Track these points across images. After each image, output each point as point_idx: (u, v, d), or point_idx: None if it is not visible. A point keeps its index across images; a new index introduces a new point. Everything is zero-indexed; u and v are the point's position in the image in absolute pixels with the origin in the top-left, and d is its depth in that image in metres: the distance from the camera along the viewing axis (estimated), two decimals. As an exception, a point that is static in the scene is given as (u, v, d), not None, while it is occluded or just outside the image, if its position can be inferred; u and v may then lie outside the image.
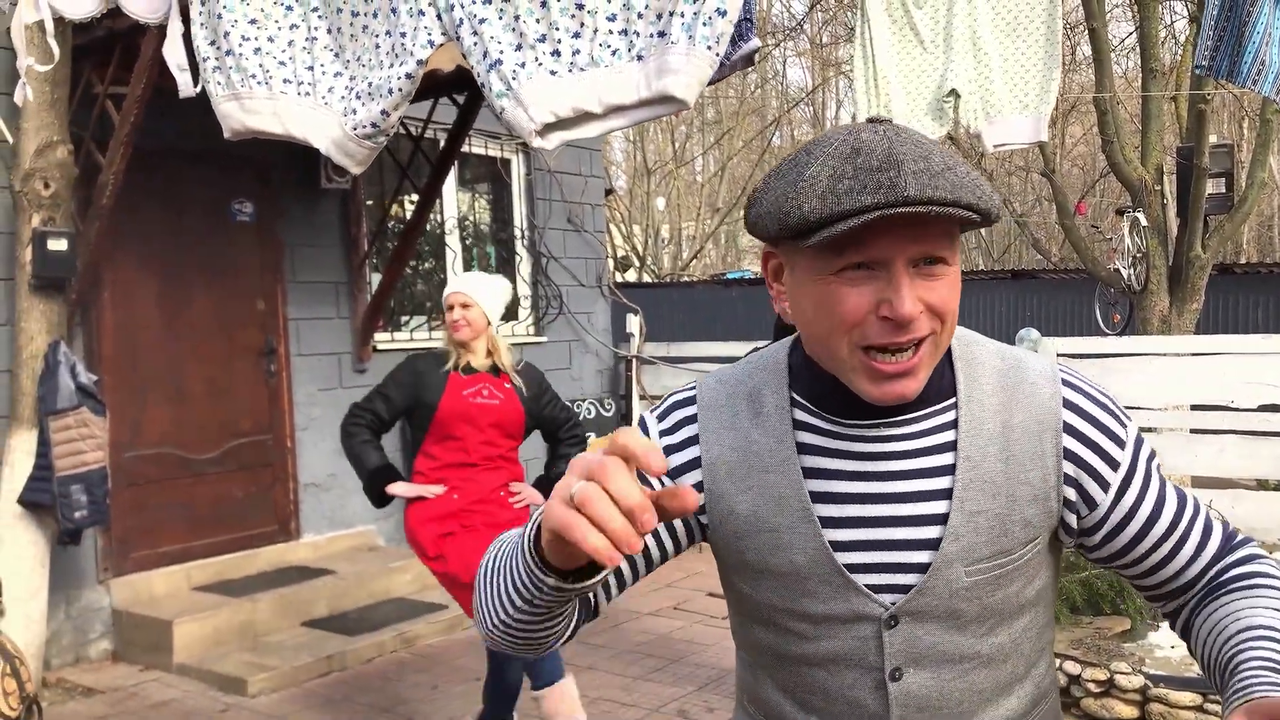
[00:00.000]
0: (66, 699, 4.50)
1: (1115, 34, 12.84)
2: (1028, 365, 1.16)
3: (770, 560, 1.15)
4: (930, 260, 1.03)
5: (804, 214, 1.00)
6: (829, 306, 1.04)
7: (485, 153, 7.12)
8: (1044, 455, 1.13)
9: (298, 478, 5.90)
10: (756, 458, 1.16)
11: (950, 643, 1.13)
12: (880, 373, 1.04)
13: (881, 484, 1.13)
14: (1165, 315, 8.17)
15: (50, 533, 4.45)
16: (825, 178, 1.00)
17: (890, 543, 1.12)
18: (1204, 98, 7.70)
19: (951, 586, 1.11)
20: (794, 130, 21.30)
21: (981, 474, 1.11)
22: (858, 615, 1.13)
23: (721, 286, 14.13)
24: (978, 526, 1.11)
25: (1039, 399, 1.14)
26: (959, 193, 0.98)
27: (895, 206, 0.96)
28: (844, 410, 1.13)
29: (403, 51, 3.55)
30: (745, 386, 1.20)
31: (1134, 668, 3.06)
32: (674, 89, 3.17)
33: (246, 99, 3.82)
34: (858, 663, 1.14)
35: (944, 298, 1.04)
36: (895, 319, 1.01)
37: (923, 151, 1.00)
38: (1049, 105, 3.66)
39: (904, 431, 1.13)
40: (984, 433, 1.12)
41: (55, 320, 4.55)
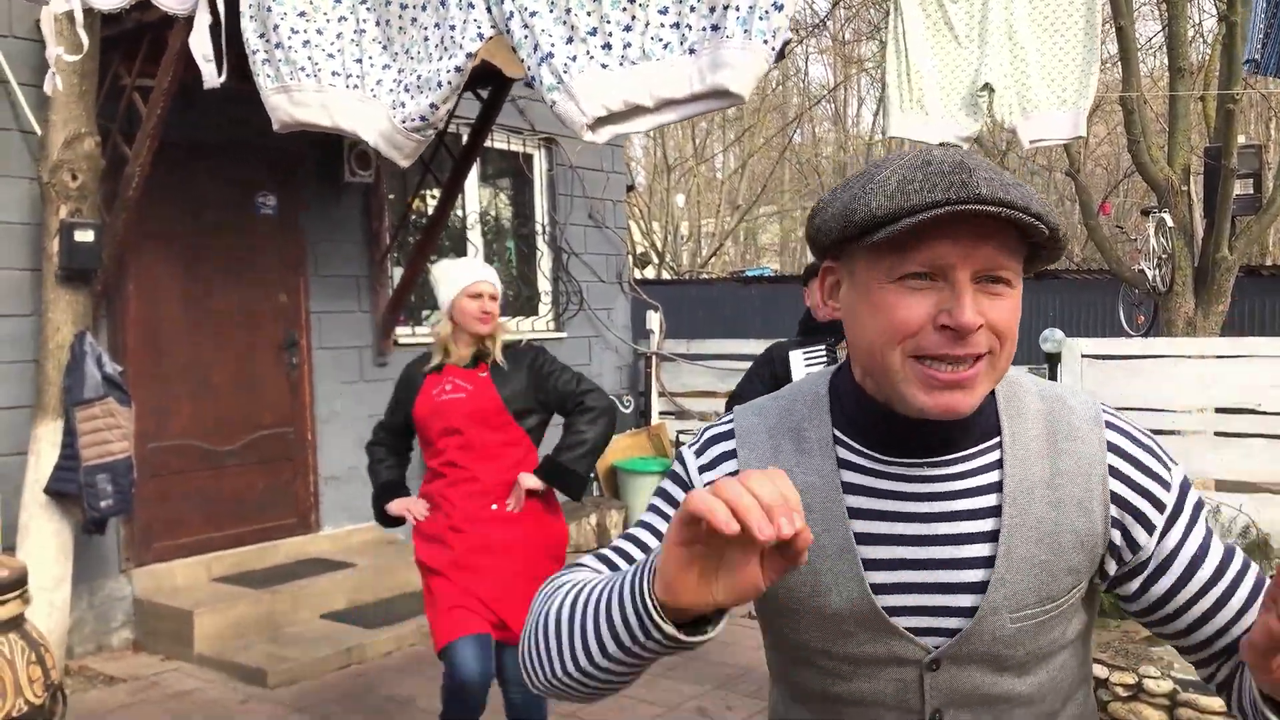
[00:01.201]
0: (89, 687, 4.53)
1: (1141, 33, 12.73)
2: (1070, 407, 1.14)
3: (809, 602, 1.12)
4: (993, 279, 1.01)
5: (871, 210, 0.99)
6: (886, 312, 1.02)
7: (507, 148, 7.13)
8: (1091, 501, 1.10)
9: (318, 470, 5.92)
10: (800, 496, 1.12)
11: (992, 684, 1.11)
12: (935, 380, 1.02)
13: (926, 525, 1.10)
14: (1191, 317, 8.09)
15: (75, 522, 4.47)
16: (895, 181, 1.00)
17: (933, 585, 1.10)
18: (1232, 97, 7.62)
19: (996, 633, 1.09)
20: (815, 128, 21.23)
21: (1028, 520, 1.08)
22: (898, 659, 1.11)
23: (741, 284, 14.10)
24: (1023, 573, 1.08)
25: (1085, 442, 1.12)
26: (1029, 203, 0.97)
27: (966, 203, 0.95)
28: (889, 446, 1.11)
29: (451, 44, 3.54)
30: (786, 422, 1.17)
31: (1163, 672, 3.03)
32: (729, 83, 3.14)
33: (295, 91, 3.83)
34: (897, 704, 1.12)
35: (1005, 318, 1.02)
36: (955, 328, 0.99)
37: (992, 167, 1.01)
38: (1088, 100, 3.62)
39: (949, 471, 1.10)
40: (1030, 477, 1.10)
41: (81, 311, 4.58)
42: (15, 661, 3.50)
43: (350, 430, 6.06)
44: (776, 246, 25.65)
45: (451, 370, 3.26)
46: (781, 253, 25.26)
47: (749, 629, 5.08)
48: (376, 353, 6.21)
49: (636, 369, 7.97)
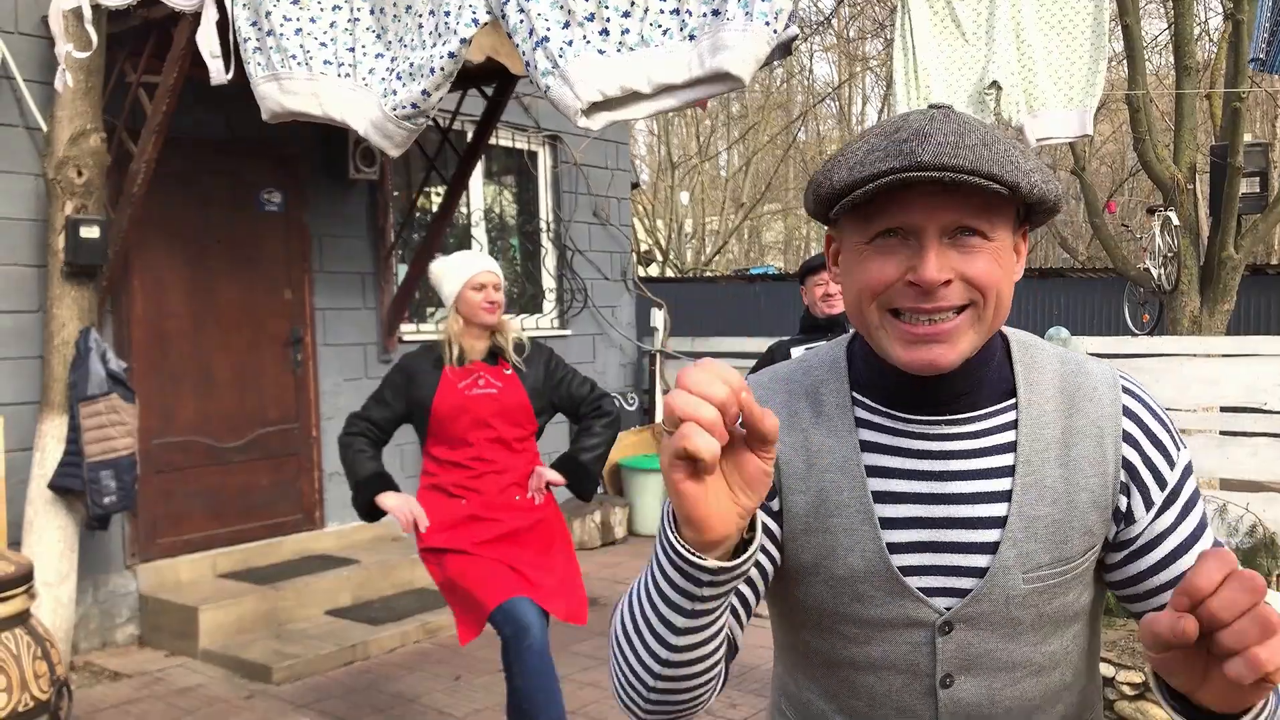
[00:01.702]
0: (94, 682, 4.54)
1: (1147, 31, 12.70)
2: (1088, 370, 1.15)
3: (824, 562, 1.12)
4: (965, 231, 1.02)
5: (833, 183, 1.03)
6: (861, 273, 1.05)
7: (512, 145, 7.13)
8: (1104, 461, 1.10)
9: (323, 467, 5.92)
10: (817, 455, 1.13)
11: (1004, 650, 1.11)
12: (911, 335, 1.03)
13: (941, 484, 1.10)
14: (1196, 316, 8.08)
15: (79, 518, 4.48)
16: (861, 151, 1.03)
17: (947, 545, 1.10)
18: (1239, 95, 7.60)
19: (1009, 594, 1.09)
20: (819, 126, 21.21)
21: (1040, 478, 1.09)
22: (911, 621, 1.11)
23: (745, 282, 14.09)
24: (1036, 533, 1.08)
25: (1100, 404, 1.12)
26: (980, 164, 0.97)
27: (907, 171, 0.97)
28: (904, 404, 1.11)
29: (445, 30, 3.51)
30: (803, 385, 1.18)
31: (1168, 671, 3.03)
32: (729, 65, 3.10)
33: (286, 80, 3.80)
34: (908, 668, 1.12)
35: (982, 270, 1.02)
36: (919, 283, 1.01)
37: (959, 128, 1.01)
38: (1095, 99, 3.61)
39: (965, 430, 1.11)
40: (1043, 437, 1.10)
41: (86, 307, 4.58)
42: (21, 657, 3.50)
43: (355, 427, 6.06)
44: (780, 244, 25.63)
45: (480, 366, 3.27)
46: (785, 251, 25.25)
47: (752, 627, 5.08)
48: (381, 349, 6.21)
49: (641, 367, 7.97)
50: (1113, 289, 10.33)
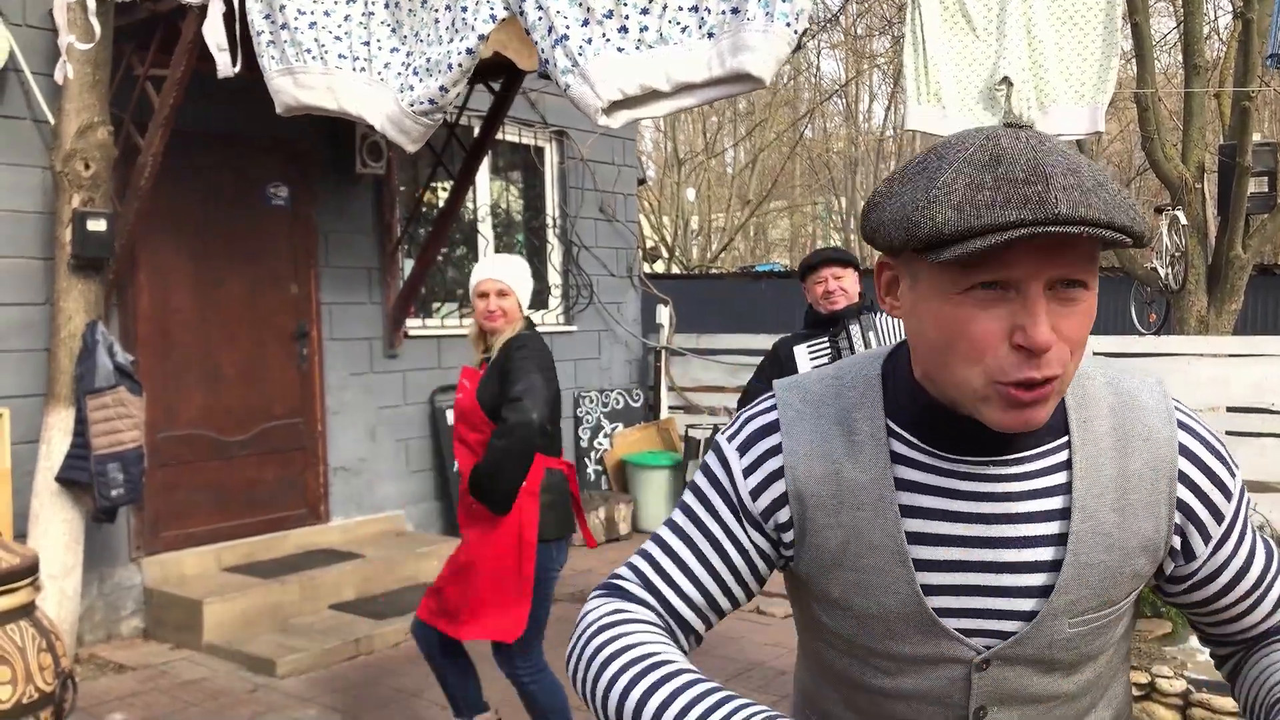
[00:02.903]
0: (99, 675, 4.55)
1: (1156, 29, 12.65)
2: (1142, 404, 1.08)
3: (855, 599, 1.08)
4: (1069, 283, 0.93)
5: (937, 225, 0.90)
6: (957, 329, 0.94)
7: (519, 140, 7.12)
8: (1158, 505, 1.06)
9: (328, 461, 5.92)
10: (849, 493, 1.07)
11: (1039, 684, 1.09)
12: (1017, 400, 0.94)
13: (986, 527, 1.05)
14: (1203, 315, 8.06)
15: (85, 510, 4.49)
16: (962, 186, 0.90)
17: (990, 589, 1.06)
18: (1248, 94, 7.58)
19: (1053, 638, 1.06)
20: (826, 123, 21.18)
21: (1096, 525, 1.04)
22: (946, 658, 1.08)
23: (751, 279, 14.08)
24: (1088, 580, 1.05)
25: (1156, 444, 1.06)
26: (1113, 213, 0.89)
27: (1043, 225, 0.87)
28: (950, 444, 1.05)
29: (464, 26, 3.50)
30: (834, 408, 1.10)
31: (1176, 672, 3.02)
32: (750, 66, 3.08)
33: (301, 74, 3.79)
34: (941, 700, 1.10)
35: (1079, 326, 0.94)
36: (1029, 347, 0.91)
37: (1070, 164, 0.91)
38: (1106, 96, 3.59)
39: (1014, 471, 1.04)
40: (1099, 481, 1.05)
41: (93, 300, 4.58)
42: (26, 649, 3.51)
43: (360, 422, 6.06)
44: (787, 241, 25.61)
45: (467, 370, 3.28)
46: (792, 248, 25.22)
47: (757, 624, 5.08)
48: (387, 344, 6.21)
49: (646, 363, 7.96)
50: (1120, 288, 10.30)
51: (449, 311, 6.75)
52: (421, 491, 6.39)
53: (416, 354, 6.37)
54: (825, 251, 3.75)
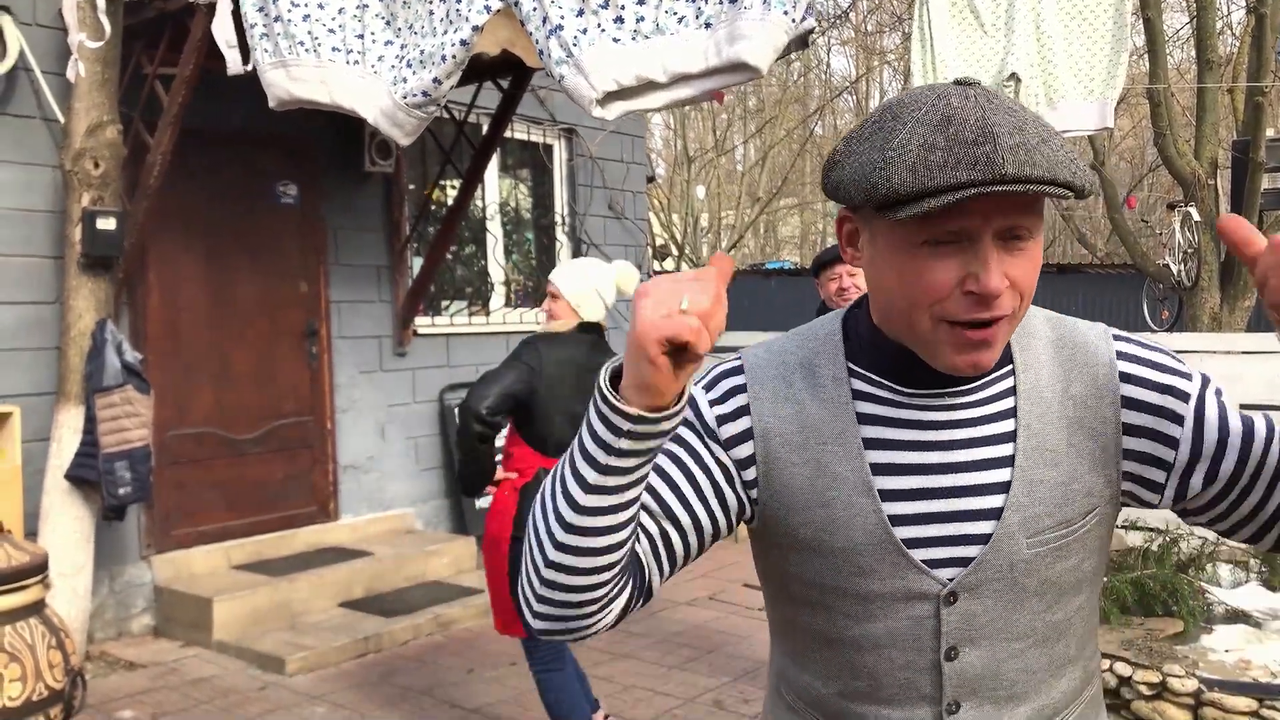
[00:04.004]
0: (109, 672, 4.56)
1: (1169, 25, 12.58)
2: (1079, 330, 1.15)
3: (824, 537, 1.11)
4: (1016, 233, 1.00)
5: (893, 186, 0.96)
6: (912, 278, 1.01)
7: (528, 138, 7.11)
8: (1104, 420, 1.10)
9: (337, 459, 5.93)
10: (814, 429, 1.12)
11: (1008, 619, 1.11)
12: (966, 341, 1.02)
13: (944, 453, 1.10)
14: (1216, 312, 8.01)
15: (95, 508, 4.50)
16: (915, 147, 0.96)
17: (951, 514, 1.09)
18: (1261, 90, 7.52)
19: (1012, 558, 1.09)
20: (836, 120, 21.11)
21: (1041, 442, 1.09)
22: (914, 593, 1.10)
23: (761, 276, 14.06)
24: (1039, 496, 1.09)
25: (1094, 361, 1.12)
26: (1056, 170, 0.95)
27: (991, 185, 0.93)
28: (906, 379, 1.10)
29: (457, 17, 3.48)
30: (796, 357, 1.16)
31: (1187, 671, 2.99)
32: (746, 55, 3.06)
33: (294, 67, 3.77)
34: (911, 643, 1.11)
35: (1026, 272, 1.01)
36: (981, 293, 0.99)
37: (1017, 121, 0.97)
38: (1116, 91, 3.57)
39: (967, 400, 1.10)
40: (1042, 400, 1.10)
41: (103, 299, 4.60)
42: (36, 646, 3.52)
43: (369, 419, 6.07)
44: (797, 239, 25.56)
45: None
46: (802, 245, 25.17)
47: (763, 623, 5.07)
48: (396, 342, 6.21)
49: (655, 361, 7.94)
50: (1132, 285, 10.25)
51: (458, 310, 6.75)
52: (431, 490, 6.40)
53: (426, 352, 6.37)
54: (839, 248, 3.73)
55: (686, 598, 5.49)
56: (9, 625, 3.49)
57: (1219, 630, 3.31)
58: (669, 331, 0.88)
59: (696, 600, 5.46)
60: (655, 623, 5.07)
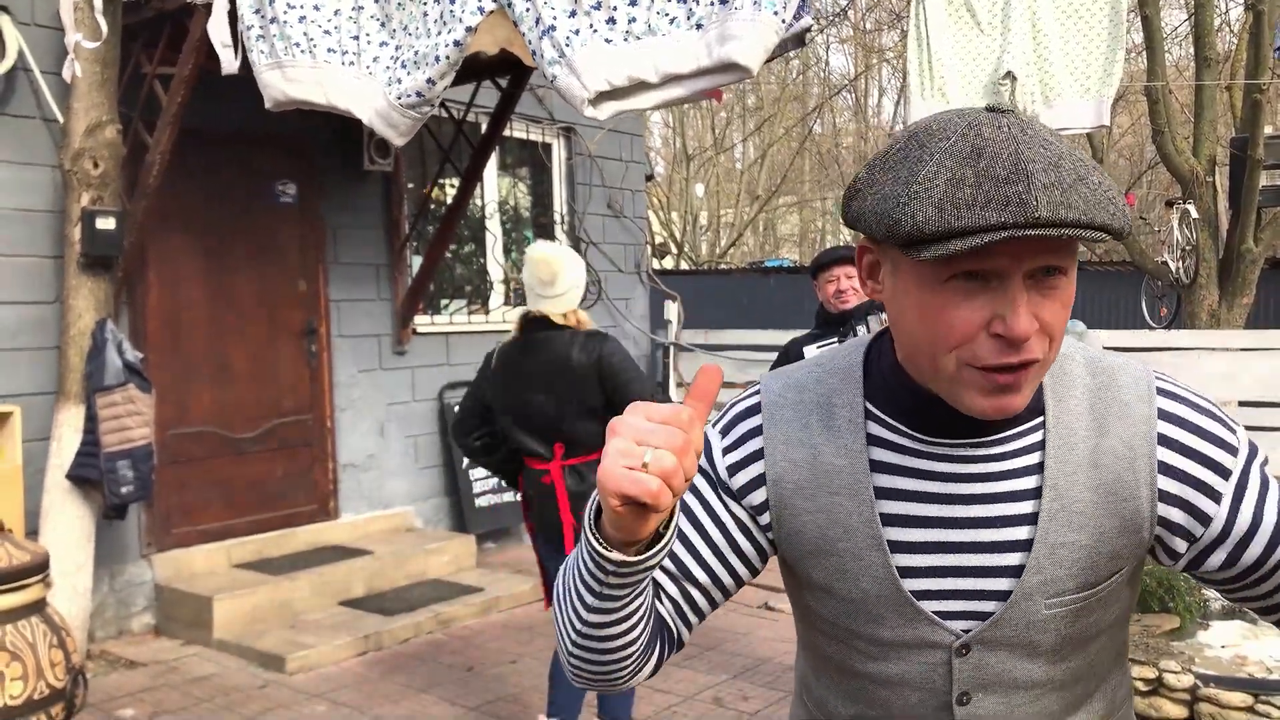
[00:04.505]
0: (110, 670, 4.57)
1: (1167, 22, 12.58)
2: (1119, 383, 1.07)
3: (835, 584, 1.09)
4: (1048, 271, 0.94)
5: (917, 224, 0.90)
6: (936, 318, 0.95)
7: (526, 137, 7.12)
8: (1137, 484, 1.04)
9: (337, 458, 5.94)
10: (826, 477, 1.08)
11: (1023, 669, 1.08)
12: (993, 384, 0.95)
13: (962, 508, 1.05)
14: (1214, 309, 8.02)
15: (96, 507, 4.51)
16: (943, 183, 0.90)
17: (967, 569, 1.06)
18: (1259, 87, 7.53)
19: (1030, 619, 1.05)
20: (835, 118, 21.12)
21: (1068, 504, 1.03)
22: (926, 642, 1.08)
23: (760, 275, 14.07)
24: (1061, 559, 1.04)
25: (1132, 419, 1.05)
26: (1093, 212, 0.89)
27: (1023, 228, 0.87)
28: (929, 427, 1.05)
29: (451, 19, 3.50)
30: (814, 394, 1.12)
31: (1183, 667, 3.00)
32: (737, 55, 3.08)
33: (289, 67, 3.79)
34: (923, 686, 1.10)
35: (1057, 314, 0.95)
36: (1008, 337, 0.93)
37: (1052, 156, 0.90)
38: (1112, 89, 3.57)
39: (991, 452, 1.05)
40: (1072, 459, 1.04)
41: (103, 298, 4.60)
42: (37, 645, 3.53)
43: (369, 418, 6.08)
44: (796, 237, 25.56)
45: None
46: (801, 243, 25.17)
47: (765, 620, 5.08)
48: (395, 341, 6.22)
49: (654, 359, 7.96)
50: (1130, 282, 10.26)
51: (457, 308, 6.76)
52: (430, 488, 6.41)
53: (425, 351, 6.38)
54: (837, 250, 3.74)
55: (686, 595, 5.50)
56: (10, 624, 3.50)
57: (1215, 626, 3.32)
58: (626, 489, 0.85)
59: (696, 598, 5.47)
60: (654, 620, 5.09)
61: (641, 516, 0.88)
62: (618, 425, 0.87)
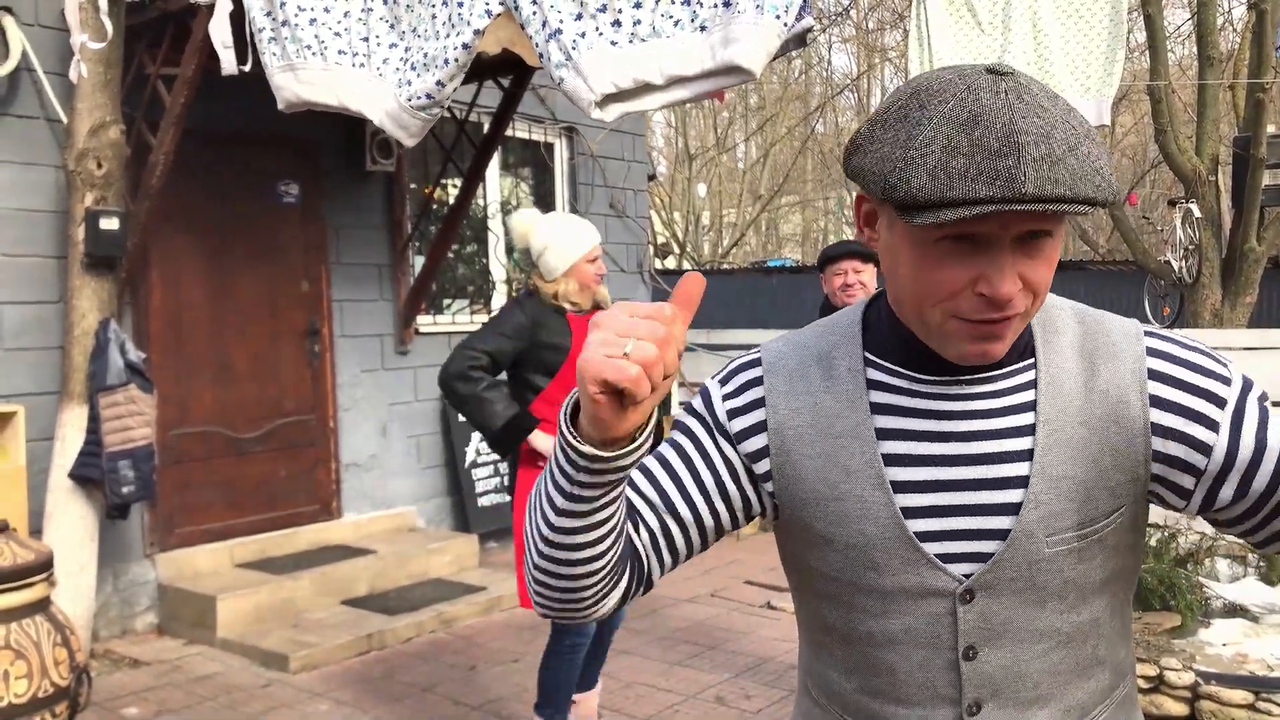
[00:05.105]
0: (114, 670, 4.59)
1: (1170, 21, 12.57)
2: (1108, 325, 1.11)
3: (837, 531, 1.10)
4: (1035, 234, 0.98)
5: (911, 190, 0.94)
6: (925, 274, 1.00)
7: (529, 137, 7.13)
8: (1130, 418, 1.06)
9: (339, 458, 5.95)
10: (827, 421, 1.11)
11: (1029, 619, 1.07)
12: (974, 333, 1.00)
13: (960, 444, 1.07)
14: (1217, 309, 8.02)
15: (99, 507, 4.52)
16: (938, 149, 0.93)
17: (967, 507, 1.07)
18: (1262, 86, 7.52)
19: (1031, 557, 1.05)
20: (838, 117, 21.10)
21: (1062, 438, 1.06)
22: (929, 590, 1.07)
23: (762, 274, 14.07)
24: (1060, 492, 1.05)
25: (1121, 357, 1.08)
26: (1078, 185, 0.92)
27: (1010, 203, 0.91)
28: (923, 367, 1.09)
29: (459, 21, 3.53)
30: (814, 349, 1.15)
31: (1184, 664, 3.01)
32: (739, 58, 3.11)
33: (301, 70, 3.82)
34: (929, 641, 1.09)
35: (1042, 275, 0.99)
36: (992, 298, 0.97)
37: (1045, 125, 0.93)
38: (1112, 88, 3.58)
39: (985, 389, 1.08)
40: (1063, 394, 1.07)
41: (106, 298, 4.62)
42: (42, 644, 3.54)
43: (371, 418, 6.09)
44: (798, 237, 25.56)
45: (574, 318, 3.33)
46: (803, 243, 25.17)
47: (767, 619, 5.08)
48: (398, 341, 6.23)
49: (657, 359, 7.95)
50: (1133, 282, 10.25)
51: (460, 308, 6.77)
52: (433, 488, 6.42)
53: (427, 351, 6.39)
54: (848, 244, 3.74)
55: (688, 595, 5.51)
56: (15, 622, 3.51)
57: (1216, 624, 3.32)
58: (607, 375, 0.86)
59: (698, 597, 5.48)
60: (657, 619, 5.09)
61: (619, 411, 0.88)
62: (601, 319, 0.88)
